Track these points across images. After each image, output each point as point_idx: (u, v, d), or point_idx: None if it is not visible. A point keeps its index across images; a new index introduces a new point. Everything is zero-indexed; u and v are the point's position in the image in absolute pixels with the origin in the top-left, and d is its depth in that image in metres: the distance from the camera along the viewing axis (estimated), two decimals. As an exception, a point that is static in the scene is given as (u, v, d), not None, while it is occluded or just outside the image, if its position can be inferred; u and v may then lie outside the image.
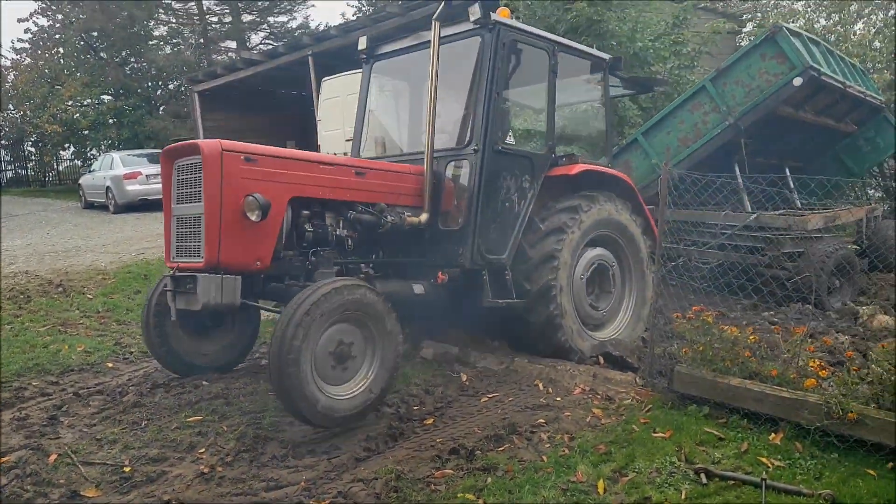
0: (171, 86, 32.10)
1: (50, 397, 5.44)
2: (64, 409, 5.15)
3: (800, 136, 9.93)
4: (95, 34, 30.00)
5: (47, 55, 30.04)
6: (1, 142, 33.89)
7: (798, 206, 9.37)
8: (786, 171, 9.62)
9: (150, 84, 31.56)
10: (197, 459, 4.26)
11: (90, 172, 21.87)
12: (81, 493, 3.84)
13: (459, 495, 3.69)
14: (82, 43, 30.21)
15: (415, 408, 5.05)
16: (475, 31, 5.95)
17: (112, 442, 4.52)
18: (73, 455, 4.30)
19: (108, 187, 19.25)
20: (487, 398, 5.25)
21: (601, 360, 6.03)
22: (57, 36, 30.14)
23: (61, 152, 32.44)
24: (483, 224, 5.82)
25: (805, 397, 4.16)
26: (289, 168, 5.11)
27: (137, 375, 5.98)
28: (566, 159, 6.42)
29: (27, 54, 30.21)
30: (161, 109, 31.04)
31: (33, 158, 34.52)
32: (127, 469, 4.11)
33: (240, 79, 20.53)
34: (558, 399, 5.15)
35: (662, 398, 4.93)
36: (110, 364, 6.34)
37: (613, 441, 4.32)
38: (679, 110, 9.08)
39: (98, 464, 4.21)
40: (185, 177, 4.97)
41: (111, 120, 29.00)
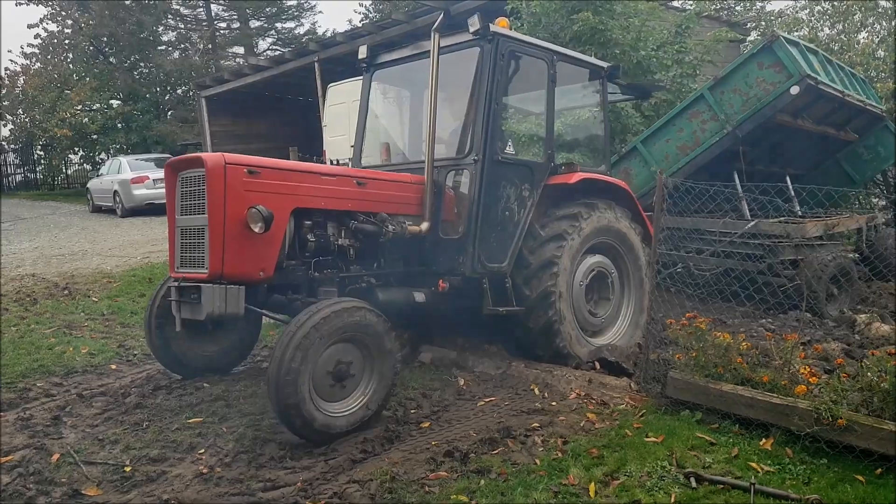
0: (179, 91, 32.37)
1: (54, 398, 5.53)
2: (67, 410, 5.24)
3: (799, 145, 9.97)
4: (104, 39, 30.30)
5: (57, 60, 30.29)
6: (10, 145, 34.17)
7: (798, 214, 9.40)
8: (786, 180, 9.65)
9: (159, 89, 31.84)
10: (196, 460, 4.33)
11: (98, 176, 22.05)
12: (82, 492, 3.92)
13: (452, 497, 3.75)
14: (91, 48, 30.49)
15: (412, 411, 5.12)
16: (474, 42, 6.02)
17: (114, 442, 4.61)
18: (76, 454, 4.38)
19: (116, 191, 19.40)
20: (484, 402, 5.31)
21: (597, 366, 6.08)
22: (66, 41, 30.40)
23: (70, 156, 32.69)
24: (483, 233, 5.88)
25: (796, 403, 4.21)
26: (291, 180, 5.19)
27: (140, 377, 6.07)
28: (565, 168, 6.48)
29: (37, 59, 30.48)
30: (169, 114, 31.29)
31: (42, 162, 34.77)
32: (128, 469, 4.19)
33: (247, 84, 20.71)
34: (553, 403, 5.21)
35: (656, 403, 4.99)
36: (114, 366, 6.44)
37: (606, 445, 4.38)
38: (678, 118, 9.13)
39: (99, 463, 4.29)
40: (189, 189, 5.05)
41: (119, 124, 29.25)
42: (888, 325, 7.07)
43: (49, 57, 30.30)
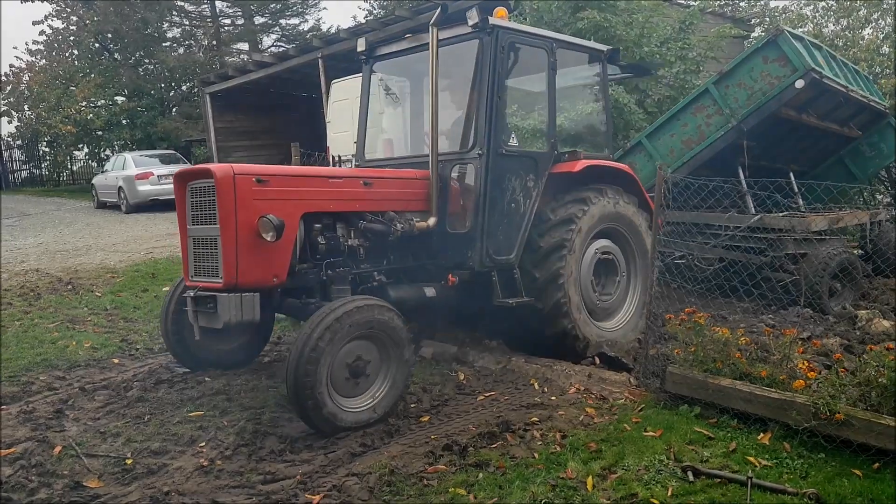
0: (184, 87, 32.41)
1: (56, 391, 5.58)
2: (70, 403, 5.28)
3: (803, 141, 9.95)
4: (109, 36, 30.32)
5: (61, 57, 30.35)
6: (16, 142, 34.27)
7: (802, 210, 9.38)
8: (790, 176, 9.63)
9: (163, 85, 31.87)
10: (197, 453, 4.37)
11: (103, 172, 22.12)
12: (84, 484, 3.96)
13: (451, 490, 3.77)
14: (96, 45, 30.54)
15: (412, 405, 5.14)
16: (473, 34, 6.02)
17: (115, 435, 4.65)
18: (77, 447, 4.42)
19: (121, 187, 19.46)
20: (483, 396, 5.33)
21: (597, 361, 6.09)
22: (71, 38, 30.45)
23: (75, 153, 32.79)
24: (490, 226, 5.92)
25: (794, 398, 4.22)
26: (299, 185, 5.24)
27: (142, 371, 6.11)
28: (569, 155, 6.49)
29: (42, 56, 30.54)
30: (173, 111, 31.33)
31: (48, 158, 34.86)
32: (129, 461, 4.23)
33: (251, 81, 20.71)
34: (553, 398, 5.23)
35: (655, 398, 5.01)
36: (116, 360, 6.49)
37: (605, 439, 4.39)
38: (682, 113, 9.12)
39: (101, 456, 4.33)
40: (199, 199, 5.07)
41: (124, 121, 29.31)
42: (889, 321, 7.06)
43: (54, 54, 30.37)
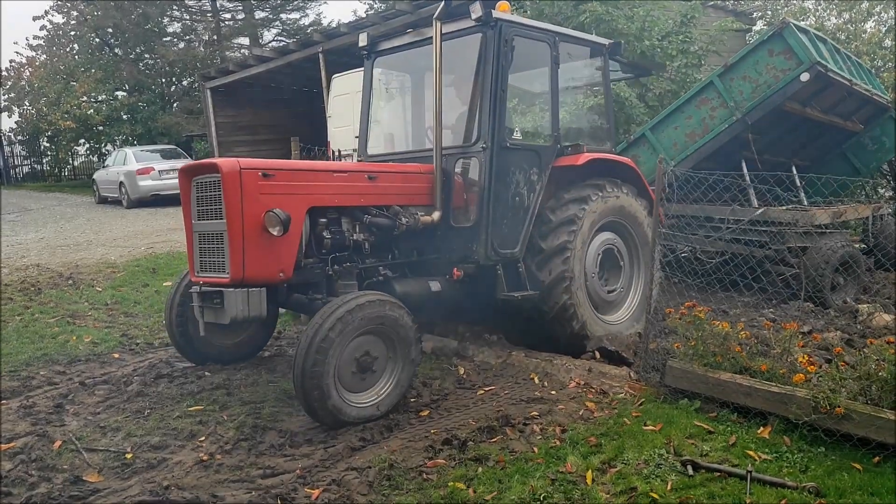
0: (185, 82, 32.38)
1: (57, 386, 5.58)
2: (70, 398, 5.28)
3: (806, 134, 9.92)
4: (109, 31, 30.31)
5: (62, 52, 30.34)
6: (17, 137, 34.30)
7: (804, 204, 9.36)
8: (792, 169, 9.60)
9: (164, 80, 31.87)
10: (197, 447, 4.37)
11: (104, 168, 22.14)
12: (84, 479, 3.96)
13: (450, 484, 3.77)
14: (97, 40, 30.53)
15: (412, 400, 5.14)
16: (477, 28, 6.00)
17: (115, 430, 4.65)
18: (78, 442, 4.42)
19: (122, 182, 19.48)
20: (483, 391, 5.33)
21: (597, 355, 6.09)
22: (72, 33, 30.44)
23: (76, 148, 32.81)
24: (494, 220, 5.91)
25: (794, 392, 4.21)
26: (305, 180, 5.23)
27: (142, 366, 6.11)
28: (572, 149, 6.48)
29: (42, 51, 30.52)
30: (174, 105, 31.32)
31: (49, 154, 34.90)
32: (129, 456, 4.23)
33: (252, 75, 20.67)
34: (553, 392, 5.22)
35: (655, 392, 5.00)
36: (116, 355, 6.49)
37: (604, 433, 4.39)
38: (687, 106, 9.08)
39: (101, 450, 4.33)
40: (205, 194, 5.05)
41: (125, 116, 29.30)
42: (890, 315, 7.05)
43: (54, 49, 30.36)
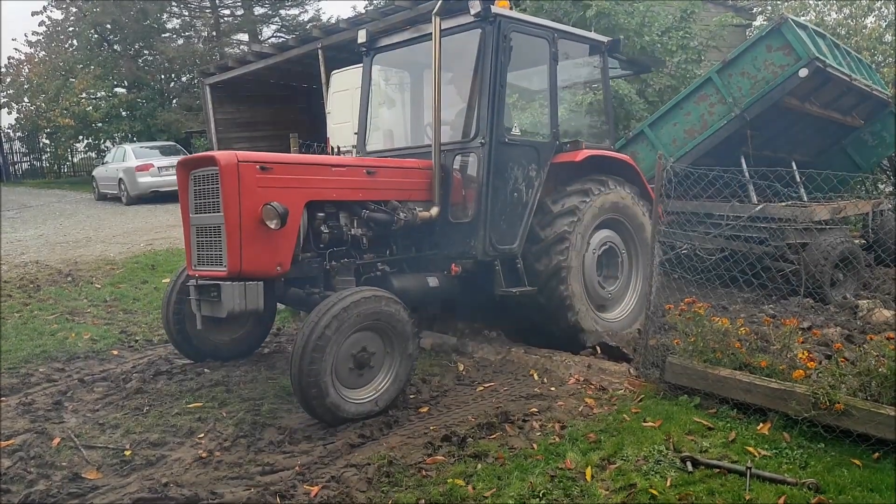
0: (184, 78, 32.33)
1: (55, 383, 5.58)
2: (69, 395, 5.28)
3: (806, 130, 9.89)
4: (108, 27, 30.24)
5: (61, 48, 30.28)
6: (16, 134, 34.27)
7: (804, 199, 9.34)
8: (792, 165, 9.59)
9: (163, 77, 31.81)
10: (196, 444, 4.37)
11: (103, 164, 22.12)
12: (82, 476, 3.95)
13: (449, 481, 3.76)
14: (95, 36, 30.45)
15: (411, 396, 5.13)
16: (476, 24, 5.99)
17: (114, 427, 4.64)
18: (76, 439, 4.42)
19: (121, 179, 19.48)
20: (483, 387, 5.32)
21: (598, 350, 6.08)
22: (70, 29, 30.37)
23: (75, 145, 32.78)
24: (493, 215, 5.90)
25: (793, 388, 4.20)
26: (303, 173, 5.21)
27: (141, 363, 6.11)
28: (571, 145, 6.47)
29: (41, 47, 30.45)
30: (173, 102, 31.27)
31: (48, 150, 34.88)
32: (128, 453, 4.22)
33: (251, 72, 20.65)
34: (552, 389, 5.22)
35: (655, 388, 4.99)
36: (115, 352, 6.49)
37: (604, 430, 4.38)
38: (685, 102, 9.07)
39: (100, 447, 4.33)
40: (202, 187, 5.04)
41: (124, 112, 29.25)
42: (890, 311, 7.04)
43: (53, 45, 30.30)
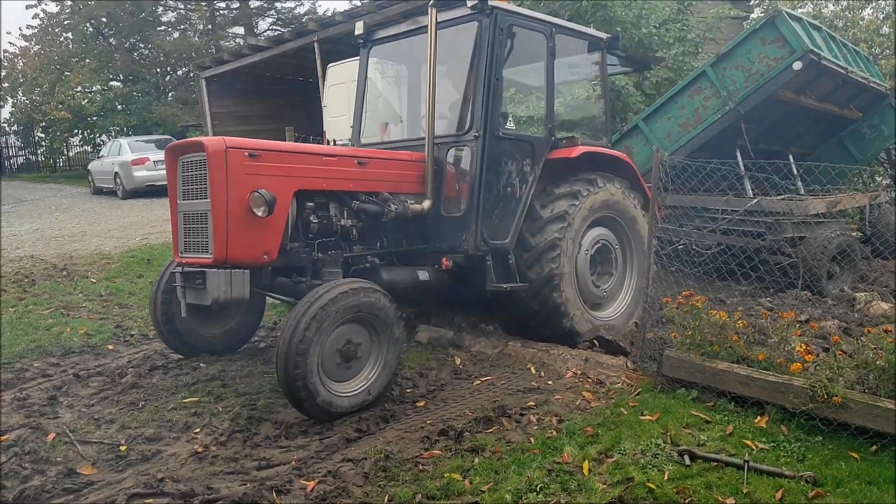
0: (180, 72, 32.19)
1: (50, 378, 5.54)
2: (64, 390, 5.25)
3: (803, 123, 9.89)
4: (104, 20, 30.09)
5: (56, 41, 30.13)
6: (11, 128, 34.13)
7: (801, 193, 9.34)
8: (789, 158, 9.58)
9: (159, 70, 31.66)
10: (192, 439, 4.34)
11: (99, 158, 22.04)
12: (78, 471, 3.92)
13: (446, 475, 3.75)
14: (91, 29, 30.30)
15: (407, 390, 5.12)
16: (472, 16, 5.96)
17: (109, 422, 4.62)
18: (71, 434, 4.39)
19: (117, 173, 19.41)
20: (480, 381, 5.31)
21: (595, 344, 6.07)
22: (66, 22, 30.22)
23: (71, 139, 32.65)
24: (485, 210, 5.87)
25: (791, 381, 4.20)
26: (292, 161, 5.17)
27: (137, 358, 6.08)
28: (566, 142, 6.43)
29: (36, 41, 30.30)
30: (169, 95, 31.15)
31: (43, 144, 34.73)
32: (123, 448, 4.20)
33: (247, 65, 20.53)
34: (549, 382, 5.21)
35: (652, 382, 4.99)
36: (111, 346, 6.46)
37: (601, 423, 4.37)
38: (679, 96, 9.06)
39: (95, 443, 4.30)
40: (190, 173, 5.01)
41: (119, 106, 29.13)
42: (887, 304, 7.04)
43: (48, 38, 30.15)
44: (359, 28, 6.88)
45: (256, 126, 23.07)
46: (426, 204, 5.82)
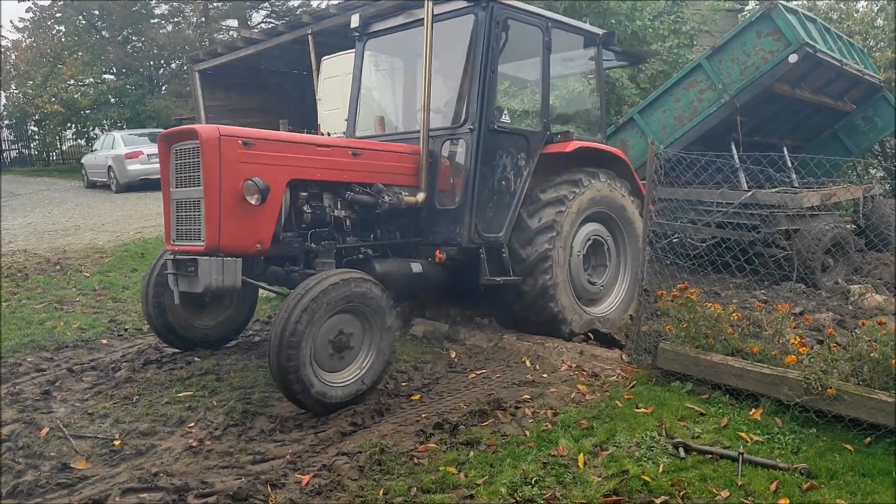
0: (173, 65, 32.01)
1: (44, 373, 5.52)
2: (57, 385, 5.23)
3: (797, 115, 9.90)
4: (96, 12, 29.90)
5: (48, 34, 29.94)
6: (4, 121, 33.92)
7: (795, 185, 9.35)
8: (783, 151, 9.59)
9: (152, 63, 31.47)
10: (186, 433, 4.33)
11: (92, 152, 21.95)
12: (71, 466, 3.91)
13: (441, 469, 3.74)
14: (83, 22, 30.11)
15: (403, 384, 5.12)
16: (468, 9, 5.94)
17: (103, 416, 4.60)
18: (65, 429, 4.37)
19: (110, 167, 19.33)
20: (475, 375, 5.31)
21: (590, 337, 6.07)
22: (58, 15, 30.02)
23: (64, 132, 32.49)
24: (479, 203, 5.86)
25: (785, 373, 4.21)
26: (286, 151, 5.15)
27: (131, 352, 6.06)
28: (561, 136, 6.42)
29: (28, 34, 30.11)
30: (163, 89, 30.98)
31: (36, 138, 34.57)
32: (117, 442, 4.18)
33: (241, 58, 20.44)
34: (545, 375, 5.20)
35: (647, 375, 4.99)
36: (104, 340, 6.43)
37: (596, 416, 4.37)
38: (675, 88, 9.06)
39: (89, 437, 4.28)
40: (183, 161, 4.98)
41: (112, 99, 28.98)
42: (881, 296, 7.06)
43: (40, 31, 29.94)
44: (354, 21, 6.85)
45: (250, 119, 22.95)
46: (420, 196, 5.81)
